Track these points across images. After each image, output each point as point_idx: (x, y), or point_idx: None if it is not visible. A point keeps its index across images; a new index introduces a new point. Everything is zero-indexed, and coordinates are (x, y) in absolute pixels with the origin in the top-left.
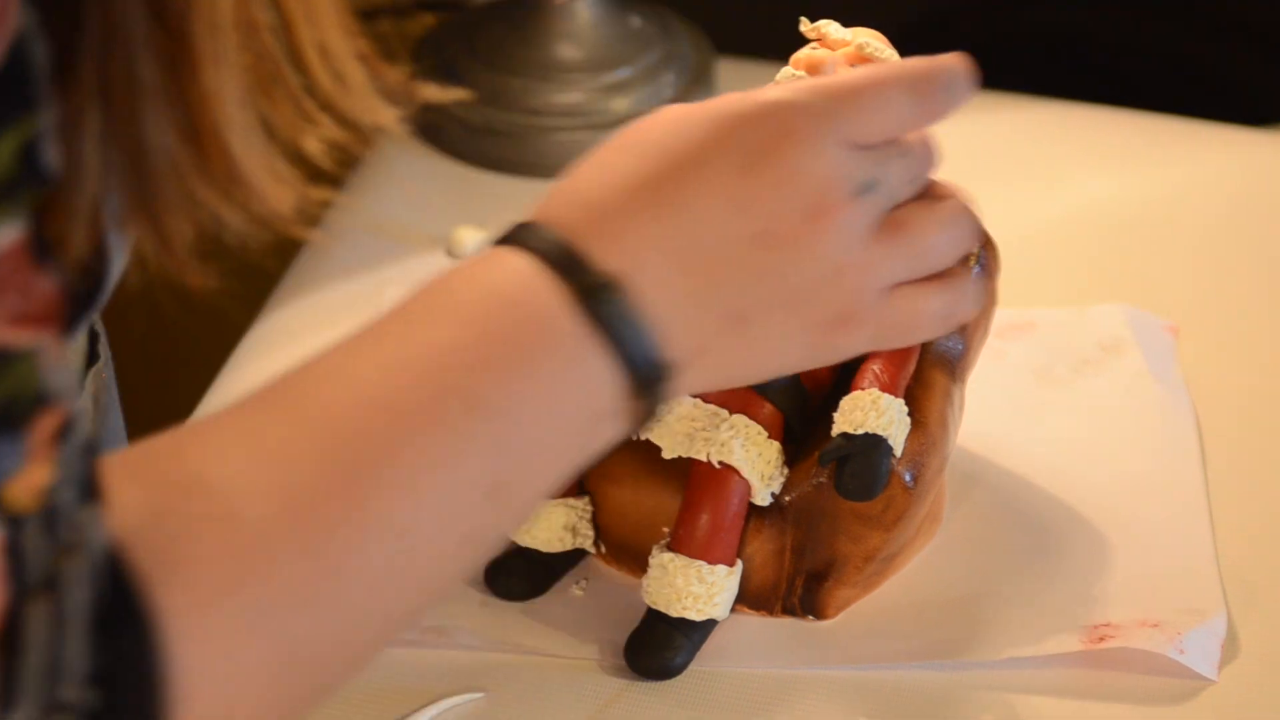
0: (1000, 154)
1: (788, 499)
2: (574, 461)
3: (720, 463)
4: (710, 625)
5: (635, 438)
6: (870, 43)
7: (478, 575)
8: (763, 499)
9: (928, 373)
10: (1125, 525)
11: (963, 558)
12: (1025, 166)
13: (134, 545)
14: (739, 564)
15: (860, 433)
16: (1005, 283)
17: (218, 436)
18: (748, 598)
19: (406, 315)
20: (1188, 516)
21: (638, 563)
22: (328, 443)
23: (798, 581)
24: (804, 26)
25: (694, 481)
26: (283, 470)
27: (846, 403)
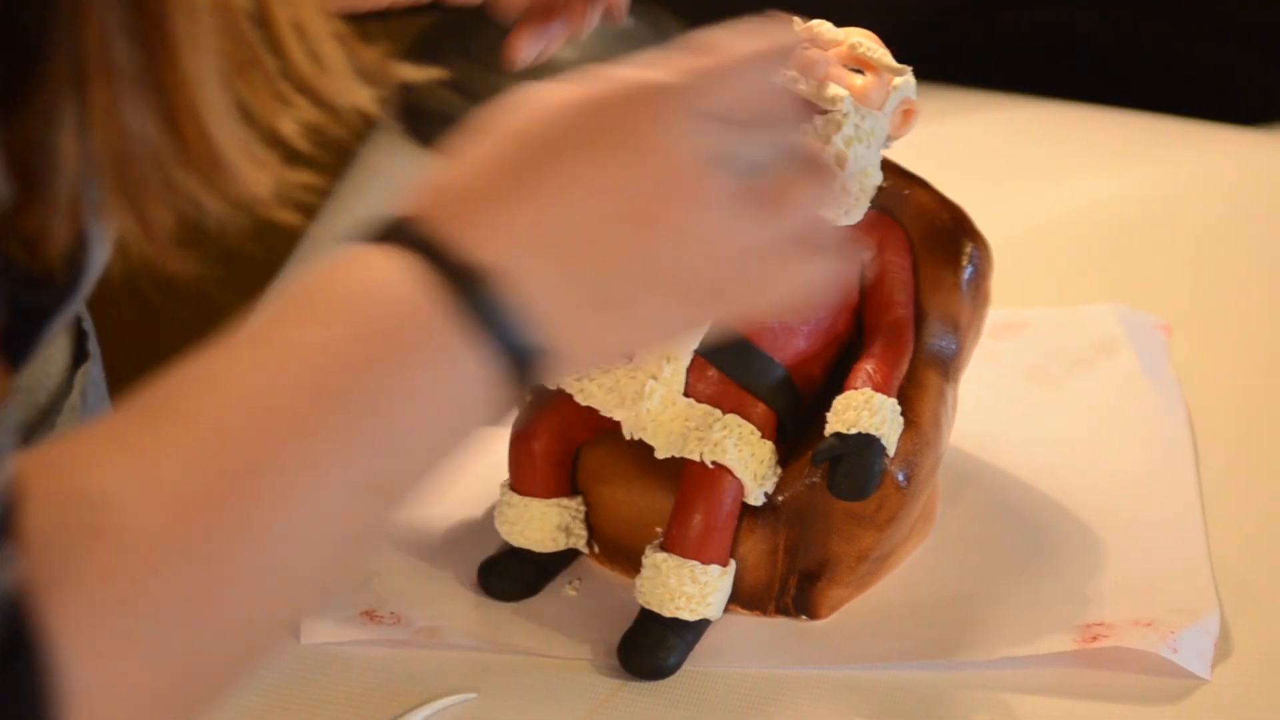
0: (993, 154)
1: (781, 499)
2: (449, 451)
3: (713, 463)
4: (704, 625)
5: (629, 438)
6: (863, 42)
7: (471, 576)
8: (756, 499)
9: (921, 372)
10: (1118, 525)
11: (956, 557)
12: (1018, 166)
13: (29, 566)
14: (732, 564)
15: (853, 432)
16: (998, 282)
17: (101, 448)
18: (741, 598)
19: (280, 318)
20: (1181, 516)
21: (631, 563)
22: (206, 451)
23: (791, 581)
24: (796, 26)
25: (687, 481)
26: (163, 481)
27: (839, 402)
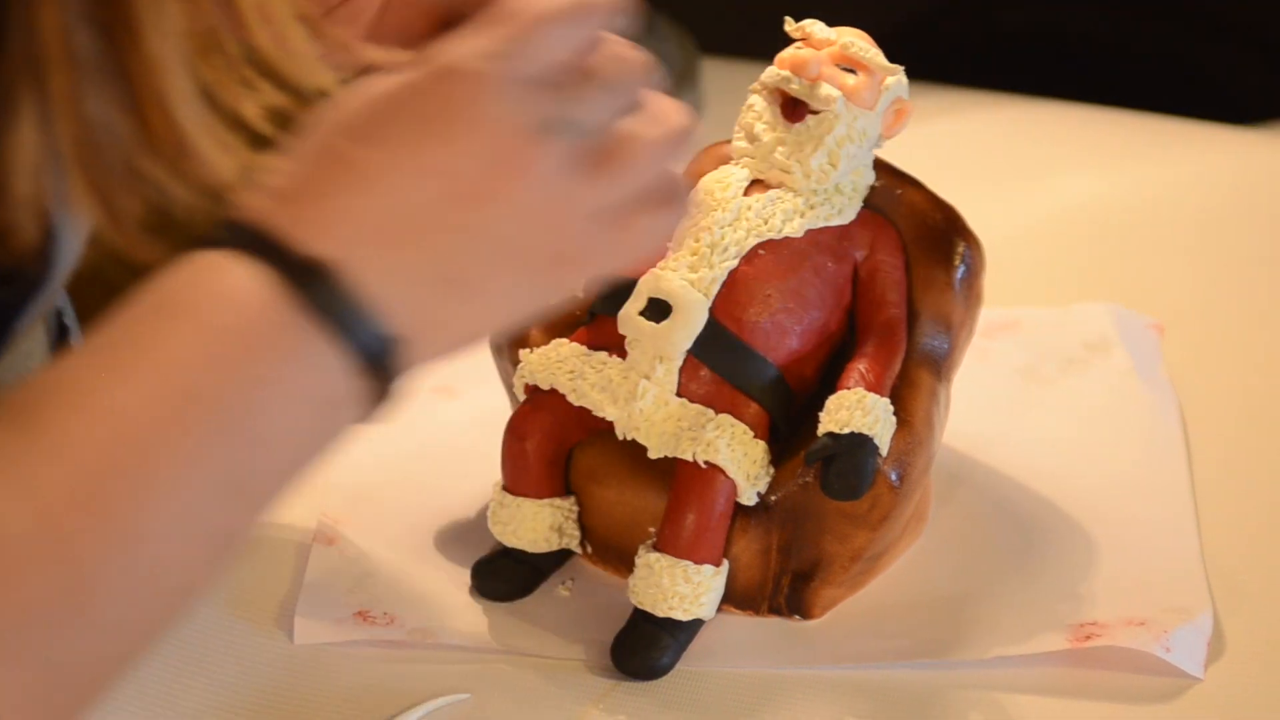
0: (986, 153)
1: (774, 498)
2: (317, 449)
3: (706, 462)
4: (696, 625)
5: (622, 438)
6: (855, 42)
7: (465, 576)
8: (749, 499)
9: (913, 372)
10: (1111, 524)
11: (949, 557)
12: (1011, 165)
13: None
14: (725, 564)
15: (846, 432)
16: (991, 282)
17: None
18: (734, 597)
19: (134, 324)
20: (1174, 515)
21: (624, 563)
22: (70, 456)
23: (784, 581)
24: (789, 26)
25: (680, 481)
26: (28, 486)
27: (832, 402)
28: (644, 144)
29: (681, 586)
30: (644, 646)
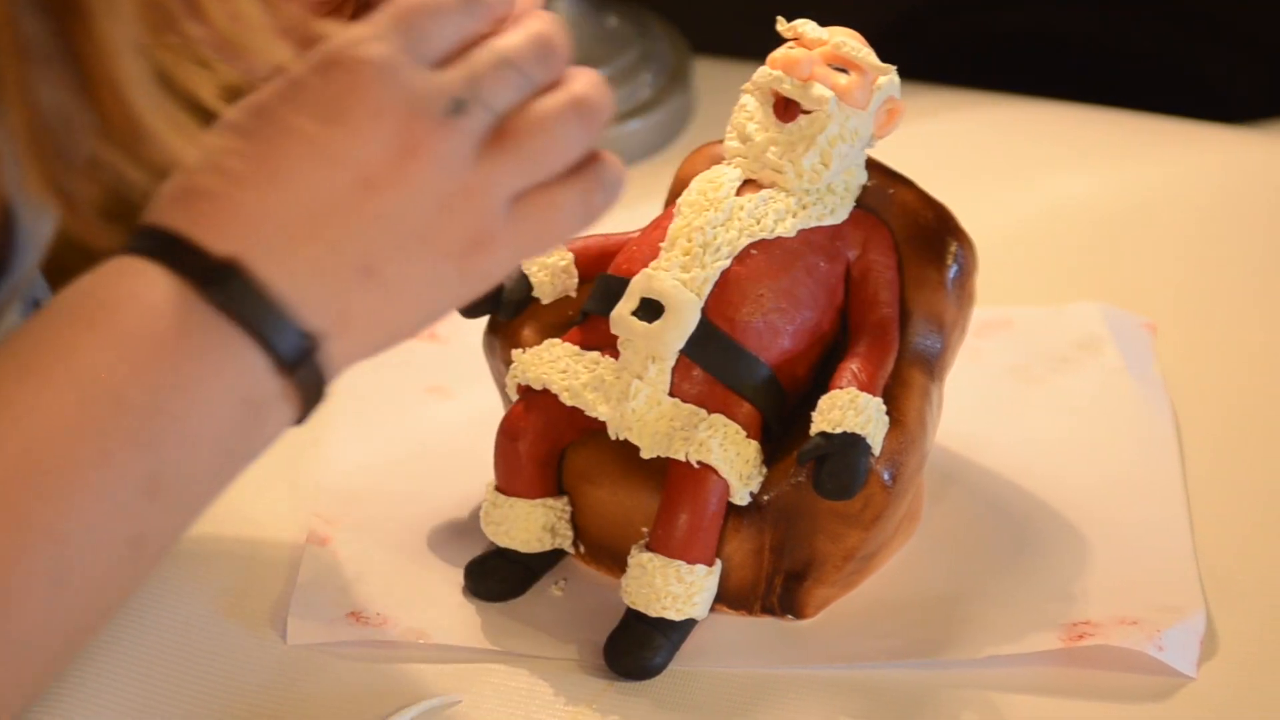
0: (978, 152)
1: (766, 498)
2: (244, 450)
3: (698, 462)
4: (689, 625)
5: (614, 438)
6: (847, 42)
7: (457, 577)
8: (741, 498)
9: (906, 371)
10: (1104, 523)
11: (941, 556)
12: (1003, 165)
13: None
14: (718, 563)
15: (838, 432)
16: (983, 281)
17: None
18: (727, 597)
19: (49, 328)
20: (1166, 514)
21: (616, 563)
22: None
23: (777, 581)
24: (781, 26)
25: (672, 481)
26: None
27: (824, 402)
28: (557, 123)
29: (674, 586)
30: (637, 646)
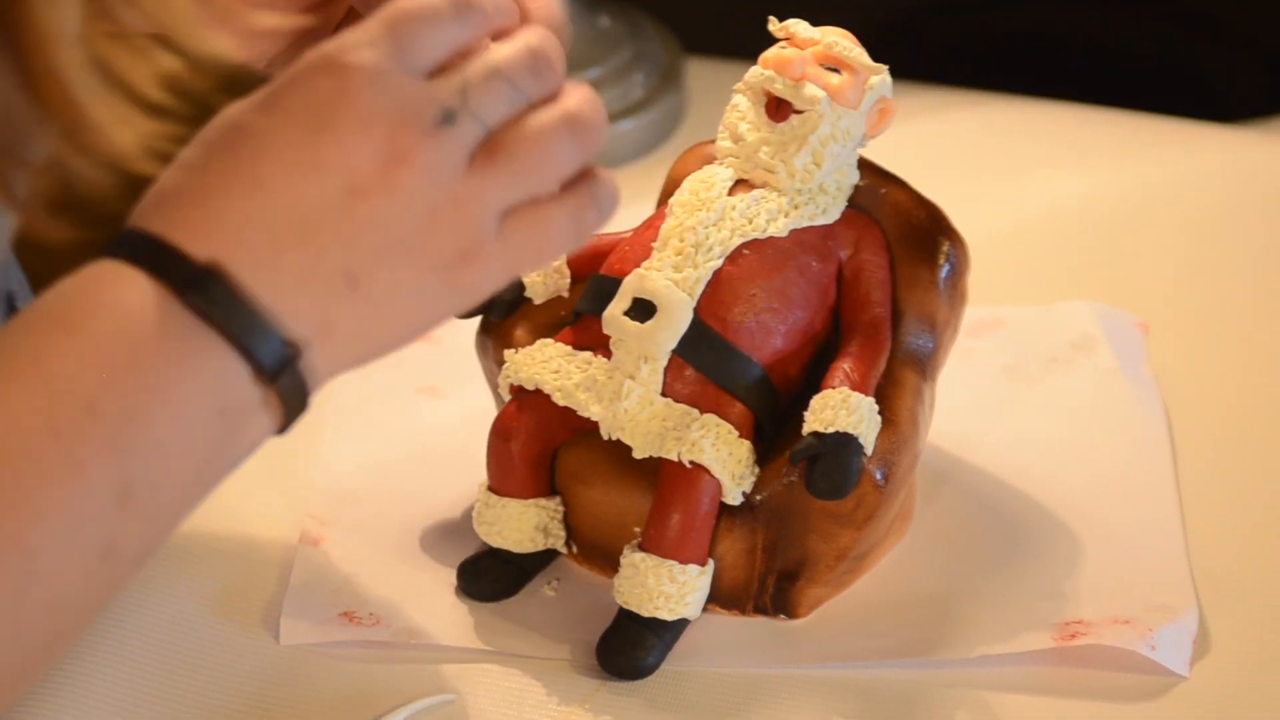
0: (970, 152)
1: (759, 498)
2: (224, 458)
3: (691, 462)
4: (682, 625)
5: (607, 438)
6: (839, 42)
7: (450, 577)
8: (734, 498)
9: (898, 371)
10: (1096, 522)
11: (934, 556)
12: (995, 164)
13: None
14: (710, 563)
15: (831, 431)
16: (976, 281)
17: None
18: (719, 597)
19: (26, 333)
20: (1159, 513)
21: (609, 563)
22: None
23: (769, 581)
24: (773, 25)
25: (665, 481)
26: None
27: (817, 401)
28: (550, 138)
29: (667, 586)
30: (629, 646)
